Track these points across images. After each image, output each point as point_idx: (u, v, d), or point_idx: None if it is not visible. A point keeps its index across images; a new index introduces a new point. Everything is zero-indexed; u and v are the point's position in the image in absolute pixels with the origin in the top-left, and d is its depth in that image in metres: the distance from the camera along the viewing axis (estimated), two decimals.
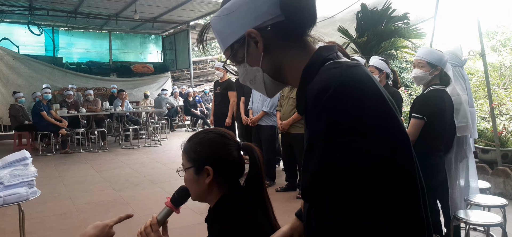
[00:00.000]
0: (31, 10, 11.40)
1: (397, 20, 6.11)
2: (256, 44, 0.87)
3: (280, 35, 0.86)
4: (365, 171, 0.71)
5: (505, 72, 9.07)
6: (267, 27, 0.85)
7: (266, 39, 0.86)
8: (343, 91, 0.74)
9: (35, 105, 8.63)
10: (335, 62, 0.82)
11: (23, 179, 2.70)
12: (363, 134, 0.72)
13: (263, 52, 0.87)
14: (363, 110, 0.73)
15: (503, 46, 10.95)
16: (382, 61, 3.80)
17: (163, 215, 1.33)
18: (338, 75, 0.77)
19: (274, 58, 0.88)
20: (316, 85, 0.77)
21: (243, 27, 0.86)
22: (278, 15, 0.84)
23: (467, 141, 3.07)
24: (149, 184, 5.67)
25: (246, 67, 0.91)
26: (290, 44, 0.87)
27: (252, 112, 5.39)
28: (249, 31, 0.85)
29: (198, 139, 1.31)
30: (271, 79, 0.90)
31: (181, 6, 11.57)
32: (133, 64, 15.17)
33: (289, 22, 0.85)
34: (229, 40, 0.90)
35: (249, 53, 0.89)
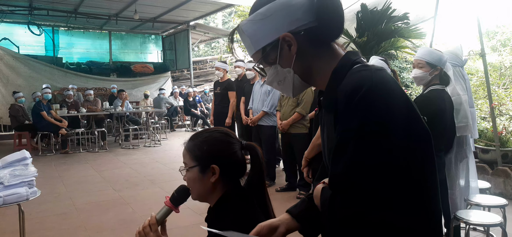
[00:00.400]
0: (31, 10, 11.39)
1: (397, 20, 6.11)
2: (289, 47, 0.93)
3: (312, 39, 0.94)
4: (390, 170, 0.78)
5: (505, 72, 9.06)
6: (300, 32, 0.92)
7: (299, 43, 0.93)
8: (375, 91, 0.81)
9: (35, 105, 8.63)
10: (364, 65, 0.90)
11: (23, 179, 2.70)
12: (391, 135, 0.79)
13: (295, 55, 0.94)
14: (392, 111, 0.80)
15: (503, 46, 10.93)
16: (382, 61, 3.79)
17: (162, 214, 1.31)
18: (369, 77, 0.84)
19: (305, 60, 0.95)
20: (349, 85, 0.84)
21: (277, 31, 0.92)
22: (312, 22, 0.92)
23: (467, 141, 3.07)
24: (149, 184, 5.67)
25: (277, 68, 0.97)
26: (321, 48, 0.95)
27: (252, 112, 5.39)
28: (284, 34, 0.92)
29: (203, 138, 1.31)
30: (300, 79, 0.97)
31: (181, 6, 11.56)
32: (133, 64, 15.17)
33: (321, 28, 0.92)
34: (261, 43, 0.95)
35: (282, 56, 0.95)
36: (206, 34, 15.83)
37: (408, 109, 0.83)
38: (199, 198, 1.33)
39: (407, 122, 0.81)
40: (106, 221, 4.09)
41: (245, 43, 1.00)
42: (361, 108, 0.80)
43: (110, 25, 14.12)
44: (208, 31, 15.59)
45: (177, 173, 5.99)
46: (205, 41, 18.88)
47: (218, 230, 1.20)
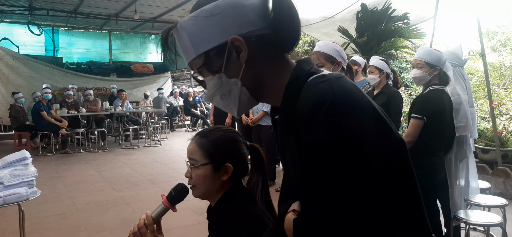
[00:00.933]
0: (31, 10, 11.39)
1: (397, 20, 6.11)
2: (238, 54, 0.80)
3: (264, 48, 0.81)
4: (368, 179, 0.72)
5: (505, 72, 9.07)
6: (252, 38, 0.79)
7: (249, 50, 0.79)
8: (338, 104, 0.72)
9: (35, 105, 8.63)
10: (320, 75, 0.79)
11: (23, 179, 2.70)
12: (364, 144, 0.71)
13: (245, 63, 0.80)
14: (361, 122, 0.72)
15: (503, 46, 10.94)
16: (382, 61, 3.80)
17: (158, 213, 1.28)
18: (329, 89, 0.74)
19: (255, 72, 0.82)
20: (309, 100, 0.74)
21: (225, 33, 0.79)
22: (265, 28, 0.80)
23: (467, 141, 3.07)
24: (149, 184, 5.67)
25: (222, 78, 0.82)
26: (273, 59, 0.83)
27: (252, 112, 5.39)
28: (234, 38, 0.78)
29: (217, 136, 1.30)
30: (248, 94, 0.84)
31: (181, 6, 11.56)
32: (133, 64, 15.17)
33: (276, 36, 0.80)
34: (204, 46, 0.81)
35: (229, 63, 0.80)
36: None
37: (376, 117, 0.75)
38: (203, 197, 1.32)
39: (377, 128, 0.74)
40: (106, 221, 4.09)
41: (182, 45, 0.85)
42: (328, 124, 0.71)
43: (110, 25, 14.11)
44: None
45: (177, 173, 6.00)
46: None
47: (225, 229, 1.20)
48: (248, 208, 1.24)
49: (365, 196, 0.71)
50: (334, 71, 2.51)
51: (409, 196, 0.76)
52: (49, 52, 13.92)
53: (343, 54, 2.46)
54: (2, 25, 12.34)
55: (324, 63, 2.44)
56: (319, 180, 0.73)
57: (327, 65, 2.43)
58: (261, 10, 0.80)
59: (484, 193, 3.26)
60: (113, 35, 15.36)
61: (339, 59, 2.42)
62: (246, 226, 1.19)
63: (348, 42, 6.64)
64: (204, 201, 1.37)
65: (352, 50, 6.67)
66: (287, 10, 0.80)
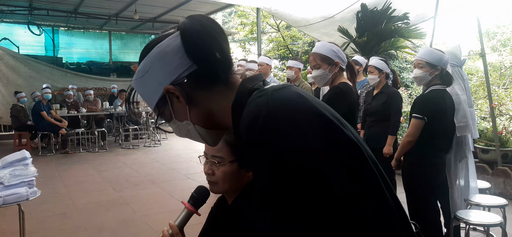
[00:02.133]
0: (31, 10, 11.39)
1: (397, 20, 6.11)
2: (178, 99, 0.83)
3: (198, 83, 0.83)
4: (314, 183, 0.71)
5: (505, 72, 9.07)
6: (183, 80, 0.82)
7: (186, 91, 0.83)
8: (274, 116, 0.72)
9: (35, 105, 8.63)
10: (259, 90, 0.79)
11: (23, 179, 2.71)
12: (305, 149, 0.70)
13: (187, 105, 0.83)
14: (299, 125, 0.71)
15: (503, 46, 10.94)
16: (382, 61, 3.80)
17: (182, 219, 1.24)
18: (264, 102, 0.74)
19: (200, 107, 0.85)
20: (245, 119, 0.74)
21: (160, 85, 0.83)
22: (191, 65, 0.81)
23: (467, 141, 3.07)
24: (149, 184, 5.67)
25: (177, 123, 0.87)
26: (212, 89, 0.84)
27: None
28: (166, 88, 0.82)
29: None
30: (204, 129, 0.87)
31: (181, 6, 11.56)
32: (133, 64, 15.16)
33: (202, 69, 0.81)
34: (153, 101, 0.87)
35: (175, 109, 0.85)
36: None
37: (320, 121, 0.74)
38: (224, 193, 1.30)
39: (323, 135, 0.72)
40: (106, 221, 4.09)
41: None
42: (265, 139, 0.70)
43: (110, 25, 14.11)
44: None
45: (177, 173, 6.01)
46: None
47: (242, 222, 1.17)
48: None
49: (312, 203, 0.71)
50: (332, 72, 2.52)
51: (369, 190, 0.75)
52: (49, 52, 13.92)
53: (340, 54, 2.46)
54: (2, 25, 12.34)
55: (320, 64, 2.45)
56: (266, 196, 0.74)
57: (324, 66, 2.44)
58: (182, 50, 0.81)
59: (484, 193, 3.26)
60: (113, 35, 15.36)
61: (336, 59, 2.42)
62: None
63: (348, 42, 6.64)
64: None
65: (352, 50, 6.68)
66: (199, 40, 0.81)
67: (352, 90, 2.42)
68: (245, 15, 14.64)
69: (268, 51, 14.28)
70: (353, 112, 2.44)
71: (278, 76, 11.97)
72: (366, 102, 4.05)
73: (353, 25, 6.50)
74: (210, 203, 1.35)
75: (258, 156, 0.73)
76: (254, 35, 13.77)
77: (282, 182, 0.71)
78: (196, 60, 0.81)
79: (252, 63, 5.79)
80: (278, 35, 13.63)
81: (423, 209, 2.75)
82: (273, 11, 7.70)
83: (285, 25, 13.14)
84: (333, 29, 6.84)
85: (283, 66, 13.56)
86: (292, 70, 4.80)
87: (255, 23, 12.28)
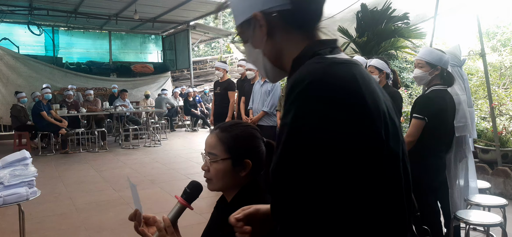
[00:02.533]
0: (31, 10, 11.39)
1: (397, 20, 6.11)
2: (261, 27, 0.87)
3: (284, 22, 0.86)
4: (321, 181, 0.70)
5: (505, 72, 9.06)
6: (273, 13, 0.85)
7: (270, 24, 0.86)
8: (316, 86, 0.72)
9: (35, 105, 8.63)
10: (321, 57, 0.80)
11: (23, 179, 2.71)
12: (326, 138, 0.69)
13: (266, 36, 0.88)
14: (331, 110, 0.70)
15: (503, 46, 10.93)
16: (382, 61, 3.80)
17: (175, 213, 1.25)
18: (316, 70, 0.75)
19: (276, 44, 0.88)
20: (294, 78, 0.76)
21: (251, 8, 0.87)
22: (286, 3, 0.84)
23: (466, 141, 3.07)
24: (149, 184, 5.67)
25: (250, 47, 0.92)
26: (292, 33, 0.87)
27: (252, 112, 5.39)
28: (255, 13, 0.86)
29: (239, 131, 1.29)
30: (271, 64, 0.91)
31: (181, 6, 11.57)
32: (133, 64, 15.17)
33: (294, 11, 0.84)
34: (239, 19, 0.91)
35: (254, 35, 0.89)
36: (206, 34, 15.83)
37: (364, 112, 0.72)
38: (219, 190, 1.31)
39: (351, 128, 0.70)
40: (106, 221, 4.09)
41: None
42: (297, 104, 0.72)
43: (110, 25, 14.12)
44: (208, 31, 15.59)
45: (177, 173, 5.99)
46: (205, 41, 18.88)
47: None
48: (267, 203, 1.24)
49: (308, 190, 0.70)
50: None
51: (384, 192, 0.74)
52: (49, 52, 13.92)
53: None
54: (2, 25, 12.35)
55: None
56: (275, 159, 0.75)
57: None
58: None
59: (484, 193, 3.26)
60: (113, 35, 15.36)
61: None
62: None
63: (348, 42, 6.64)
64: (204, 201, 1.37)
65: (352, 50, 6.67)
66: None
67: None
68: None
69: None
70: None
71: None
72: None
73: (353, 25, 6.50)
74: (212, 203, 1.35)
75: (286, 115, 0.74)
76: None
77: (289, 152, 0.72)
78: (293, 2, 0.84)
79: None
80: None
81: (423, 209, 2.75)
82: None
83: None
84: (333, 29, 6.83)
85: None
86: None
87: None
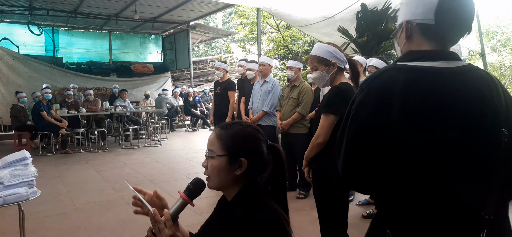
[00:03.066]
0: (31, 10, 11.40)
1: None
2: (405, 32, 1.20)
3: (419, 31, 1.18)
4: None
5: (505, 72, 9.07)
6: (414, 23, 1.18)
7: (410, 31, 1.19)
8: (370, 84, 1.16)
9: (35, 105, 8.62)
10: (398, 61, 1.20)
11: (23, 179, 2.70)
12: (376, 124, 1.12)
13: (406, 39, 1.21)
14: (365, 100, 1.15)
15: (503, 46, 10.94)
16: (382, 62, 3.82)
17: (177, 208, 1.27)
18: (382, 71, 1.16)
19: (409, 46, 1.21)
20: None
21: (404, 15, 1.21)
22: (430, 19, 1.13)
23: None
24: (149, 184, 5.67)
25: (395, 42, 1.30)
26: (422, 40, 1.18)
27: (252, 112, 5.39)
28: (403, 20, 1.21)
29: (236, 129, 1.30)
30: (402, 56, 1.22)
31: (181, 6, 11.57)
32: (133, 64, 15.17)
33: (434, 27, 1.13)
34: (399, 20, 1.24)
35: (400, 36, 1.24)
36: (206, 34, 15.84)
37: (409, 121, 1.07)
38: (217, 188, 1.32)
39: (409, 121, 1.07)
40: (106, 221, 4.09)
41: None
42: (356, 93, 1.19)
43: (110, 25, 14.12)
44: (208, 31, 15.60)
45: (177, 173, 5.99)
46: (205, 41, 18.88)
47: (250, 221, 1.19)
48: (266, 204, 1.24)
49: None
50: (329, 72, 2.56)
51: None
52: (49, 52, 13.93)
53: (337, 54, 2.46)
54: (2, 25, 12.35)
55: (318, 66, 2.48)
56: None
57: (321, 68, 2.47)
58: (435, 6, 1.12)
59: None
60: (113, 35, 15.37)
61: (333, 60, 2.43)
62: (271, 218, 1.19)
63: (348, 42, 6.64)
64: (204, 201, 1.38)
65: (352, 50, 6.68)
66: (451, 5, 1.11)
67: (353, 90, 2.42)
68: (245, 15, 14.64)
69: (268, 51, 14.28)
70: None
71: (278, 76, 11.97)
72: None
73: (353, 25, 6.50)
74: (212, 203, 1.35)
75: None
76: (254, 35, 13.77)
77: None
78: (436, 19, 1.12)
79: (252, 63, 5.79)
80: (278, 35, 13.63)
81: None
82: (273, 11, 7.71)
83: (285, 25, 13.14)
84: (333, 29, 6.84)
85: (283, 66, 13.56)
86: (292, 70, 4.80)
87: (255, 23, 12.29)
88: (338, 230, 2.51)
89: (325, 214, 2.52)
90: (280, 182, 1.32)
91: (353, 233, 3.23)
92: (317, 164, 2.49)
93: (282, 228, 1.19)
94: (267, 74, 5.32)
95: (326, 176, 2.45)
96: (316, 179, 2.53)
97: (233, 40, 22.06)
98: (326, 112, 2.36)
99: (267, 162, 1.31)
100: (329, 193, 2.45)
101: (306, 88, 4.77)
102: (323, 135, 2.38)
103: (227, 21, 26.95)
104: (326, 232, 2.54)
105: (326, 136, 2.38)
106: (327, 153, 2.42)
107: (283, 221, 1.21)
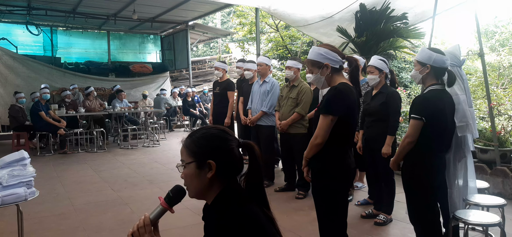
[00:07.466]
0: (29, 10, 11.37)
1: (395, 20, 6.11)
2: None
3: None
4: None
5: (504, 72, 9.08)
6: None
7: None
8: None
9: (34, 105, 8.59)
10: None
11: (21, 179, 2.70)
12: None
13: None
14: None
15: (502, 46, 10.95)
16: (381, 61, 3.81)
17: (156, 214, 1.30)
18: None
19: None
20: None
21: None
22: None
23: (466, 141, 3.06)
24: (147, 184, 5.67)
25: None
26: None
27: (251, 112, 5.39)
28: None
29: (200, 134, 1.32)
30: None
31: (180, 6, 11.56)
32: (132, 64, 15.15)
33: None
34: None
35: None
36: (205, 34, 15.82)
37: None
38: (196, 196, 1.32)
39: None
40: (105, 221, 4.09)
41: None
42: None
43: (109, 25, 14.10)
44: (207, 31, 15.58)
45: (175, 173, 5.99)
46: (204, 41, 18.86)
47: (220, 227, 1.19)
48: (243, 205, 1.24)
49: None
50: (324, 74, 2.64)
51: None
52: (47, 52, 13.89)
53: (329, 55, 2.44)
54: (0, 25, 12.32)
55: (312, 69, 2.50)
56: None
57: (315, 71, 2.49)
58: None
59: (483, 193, 3.26)
60: (112, 35, 15.35)
61: (325, 61, 2.43)
62: (241, 223, 1.19)
63: (346, 42, 6.64)
64: (202, 202, 1.37)
65: (351, 50, 6.67)
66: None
67: (352, 90, 2.41)
68: (244, 15, 14.61)
69: (267, 51, 14.27)
70: (352, 112, 2.43)
71: (276, 76, 11.96)
72: (365, 102, 4.05)
73: (352, 25, 6.50)
74: None
75: None
76: (253, 35, 13.75)
77: None
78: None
79: (250, 63, 5.79)
80: (276, 35, 13.62)
81: (422, 209, 2.75)
82: (272, 11, 7.70)
83: (284, 25, 13.13)
84: (332, 29, 6.83)
85: (282, 66, 13.55)
86: (291, 70, 4.80)
87: (254, 23, 12.27)
88: (337, 230, 2.51)
89: (324, 214, 2.51)
90: (255, 178, 1.31)
91: (352, 233, 3.23)
92: (316, 164, 2.49)
93: (253, 233, 1.17)
94: (265, 74, 5.32)
95: (325, 176, 2.44)
96: (315, 179, 2.53)
97: (232, 40, 22.03)
98: (325, 113, 2.36)
99: (239, 160, 1.31)
100: (328, 193, 2.45)
101: (305, 88, 4.77)
102: (322, 136, 2.38)
103: (226, 21, 26.93)
104: (325, 232, 2.53)
105: (324, 137, 2.38)
106: (326, 153, 2.42)
107: (257, 223, 1.20)
